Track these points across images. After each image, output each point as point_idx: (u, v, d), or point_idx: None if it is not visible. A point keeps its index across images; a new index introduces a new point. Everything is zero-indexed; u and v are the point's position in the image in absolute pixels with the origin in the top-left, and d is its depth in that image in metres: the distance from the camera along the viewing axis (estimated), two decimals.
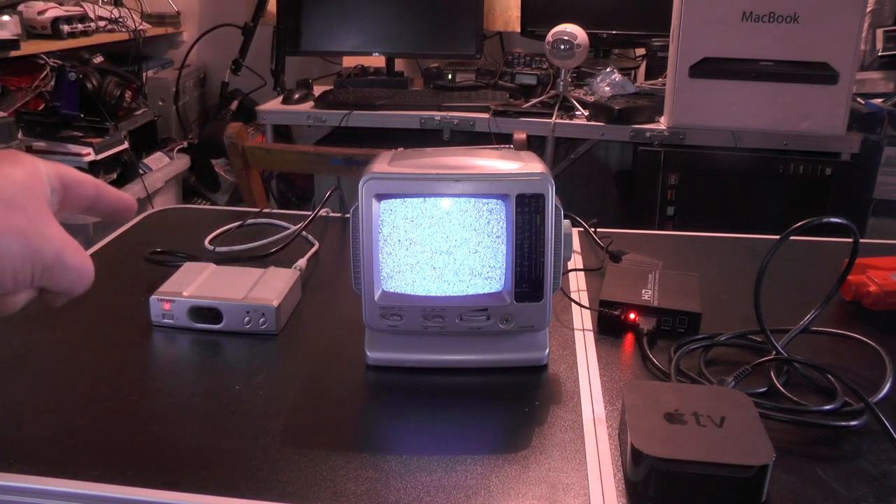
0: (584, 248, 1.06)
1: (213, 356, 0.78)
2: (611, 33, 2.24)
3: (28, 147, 1.94)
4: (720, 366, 0.75)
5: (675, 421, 0.58)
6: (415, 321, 0.71)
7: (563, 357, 0.77)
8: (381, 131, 2.06)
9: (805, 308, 0.78)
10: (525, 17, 2.33)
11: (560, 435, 0.64)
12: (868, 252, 0.86)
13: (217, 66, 2.75)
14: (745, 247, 1.07)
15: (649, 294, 0.83)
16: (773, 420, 0.64)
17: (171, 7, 2.76)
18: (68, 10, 2.18)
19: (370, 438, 0.64)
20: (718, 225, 1.16)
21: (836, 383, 0.68)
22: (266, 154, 1.59)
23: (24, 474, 0.58)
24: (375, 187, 0.67)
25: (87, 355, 0.77)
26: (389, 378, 0.73)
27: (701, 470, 0.54)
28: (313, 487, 0.57)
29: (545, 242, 0.68)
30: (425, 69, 2.40)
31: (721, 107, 1.80)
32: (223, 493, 0.56)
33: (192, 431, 0.64)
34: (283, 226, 1.09)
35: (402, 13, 2.31)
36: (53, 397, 0.69)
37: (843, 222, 0.72)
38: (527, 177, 0.67)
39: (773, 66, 1.74)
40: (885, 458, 0.60)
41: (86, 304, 0.87)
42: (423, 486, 0.57)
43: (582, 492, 0.57)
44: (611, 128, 1.90)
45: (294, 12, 2.30)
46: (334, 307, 0.87)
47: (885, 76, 1.98)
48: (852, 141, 1.81)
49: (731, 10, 1.72)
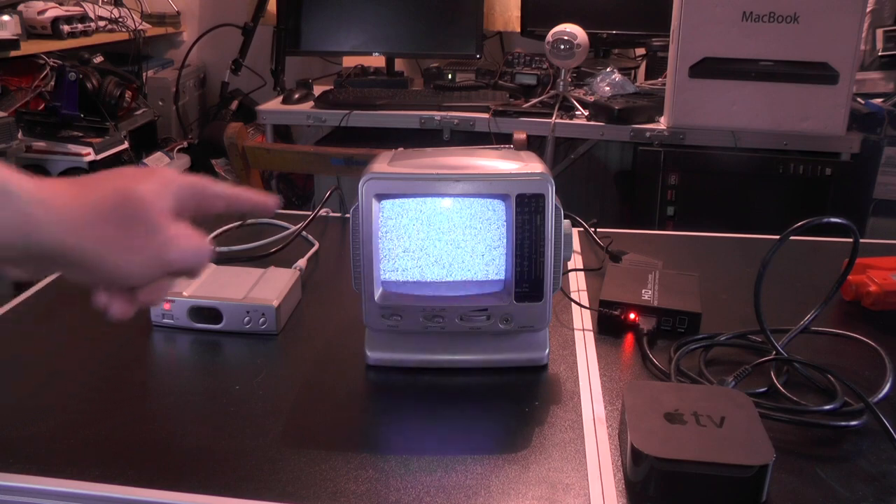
0: (584, 248, 1.06)
1: (213, 356, 0.78)
2: (611, 33, 2.24)
3: (28, 147, 1.93)
4: (720, 366, 0.75)
5: (675, 421, 0.58)
6: (415, 321, 0.71)
7: (563, 357, 0.77)
8: (381, 131, 2.06)
9: (805, 308, 0.78)
10: (525, 17, 2.33)
11: (560, 435, 0.64)
12: (868, 252, 0.86)
13: (217, 66, 2.75)
14: (745, 247, 1.07)
15: (649, 294, 0.83)
16: (773, 420, 0.64)
17: (171, 7, 2.76)
18: (68, 10, 2.18)
19: (370, 438, 0.64)
20: (718, 225, 1.16)
21: (836, 383, 0.68)
22: (266, 154, 1.59)
23: (24, 474, 0.58)
24: (375, 187, 0.67)
25: (87, 355, 0.77)
26: (389, 378, 0.73)
27: (701, 470, 0.54)
28: (313, 487, 0.57)
29: (545, 242, 0.68)
30: (425, 69, 2.40)
31: (721, 107, 1.80)
32: (223, 493, 0.56)
33: (192, 431, 0.64)
34: (283, 226, 1.09)
35: (401, 13, 2.31)
36: (53, 397, 0.69)
37: (843, 222, 0.72)
38: (527, 177, 0.67)
39: (773, 66, 1.74)
40: (885, 458, 0.60)
41: (86, 304, 0.87)
42: (423, 486, 0.57)
43: (582, 492, 0.57)
44: (611, 128, 1.90)
45: (294, 12, 2.30)
46: (334, 307, 0.87)
47: (885, 76, 1.98)
48: (852, 141, 1.81)
49: (731, 10, 1.72)
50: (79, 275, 0.47)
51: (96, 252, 0.45)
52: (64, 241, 0.44)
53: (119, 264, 0.46)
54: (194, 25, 2.81)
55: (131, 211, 0.46)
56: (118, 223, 0.46)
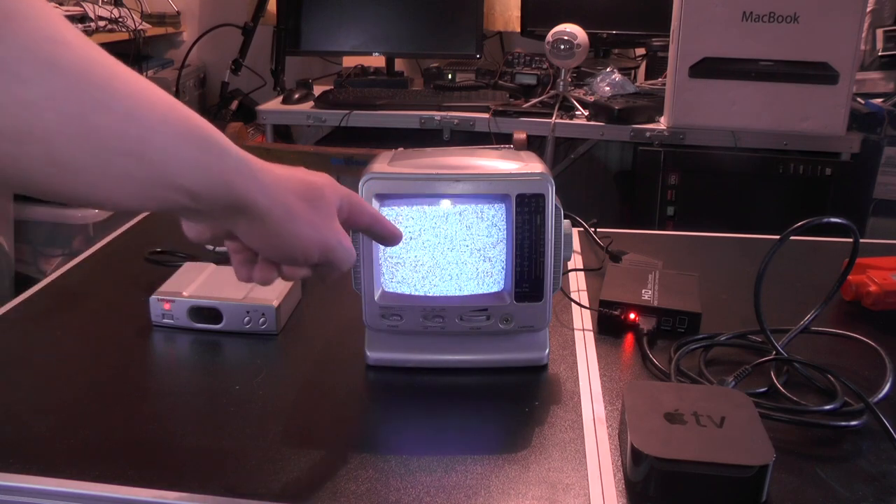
0: (584, 248, 1.06)
1: (213, 356, 0.78)
2: (611, 33, 2.24)
3: None
4: (720, 366, 0.75)
5: (675, 421, 0.58)
6: (415, 321, 0.71)
7: (563, 357, 0.77)
8: (381, 131, 2.06)
9: (805, 308, 0.78)
10: (525, 17, 2.32)
11: (560, 435, 0.64)
12: (868, 252, 0.86)
13: (217, 66, 2.75)
14: (745, 247, 1.07)
15: (649, 294, 0.83)
16: (773, 420, 0.64)
17: (171, 7, 2.76)
18: (68, 10, 2.18)
19: (370, 438, 0.64)
20: (718, 225, 1.16)
21: (836, 383, 0.68)
22: (266, 154, 1.59)
23: (24, 474, 0.58)
24: (375, 187, 0.67)
25: (87, 355, 0.77)
26: (389, 378, 0.73)
27: (701, 470, 0.54)
28: (313, 487, 0.57)
29: (545, 242, 0.68)
30: (425, 69, 2.40)
31: (721, 107, 1.80)
32: (223, 493, 0.56)
33: (192, 431, 0.64)
34: None
35: (402, 13, 2.31)
36: (53, 397, 0.69)
37: (843, 222, 0.72)
38: (527, 177, 0.67)
39: (773, 66, 1.74)
40: (885, 458, 0.60)
41: (86, 304, 0.87)
42: (423, 486, 0.57)
43: (582, 492, 0.57)
44: (611, 128, 1.90)
45: (294, 12, 2.30)
46: (334, 307, 0.87)
47: (885, 76, 1.98)
48: (852, 141, 1.81)
49: (731, 10, 1.72)
50: (254, 235, 0.50)
51: (280, 217, 0.49)
52: (257, 200, 0.47)
53: (294, 233, 0.51)
54: (194, 25, 2.81)
55: (317, 195, 0.52)
56: (305, 200, 0.51)
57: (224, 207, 0.47)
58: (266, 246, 0.51)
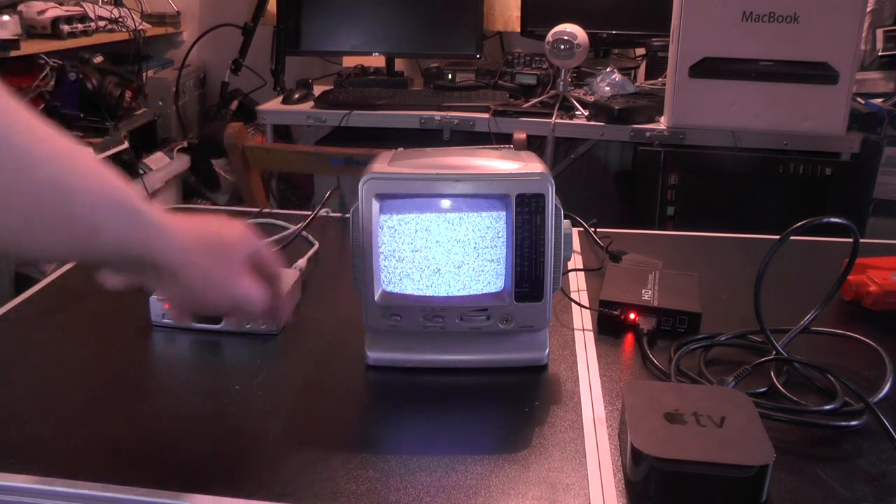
0: (584, 248, 1.06)
1: (213, 356, 0.78)
2: (611, 33, 2.24)
3: None
4: (720, 366, 0.75)
5: (675, 421, 0.58)
6: (415, 321, 0.71)
7: (563, 357, 0.77)
8: (381, 131, 2.06)
9: (805, 308, 0.78)
10: (525, 17, 2.32)
11: (560, 435, 0.64)
12: (868, 252, 0.86)
13: (217, 66, 2.75)
14: (745, 247, 1.08)
15: (649, 294, 0.83)
16: (773, 420, 0.64)
17: (171, 7, 2.76)
18: (68, 10, 2.18)
19: (370, 438, 0.64)
20: (718, 225, 1.16)
21: (836, 383, 0.68)
22: (266, 154, 1.59)
23: (24, 474, 0.58)
24: (375, 187, 0.67)
25: (87, 355, 0.77)
26: (389, 378, 0.73)
27: (701, 470, 0.54)
28: (313, 487, 0.57)
29: (545, 242, 0.68)
30: (425, 69, 2.40)
31: (721, 107, 1.79)
32: (223, 493, 0.56)
33: (192, 431, 0.64)
34: (284, 226, 1.09)
35: (402, 13, 2.30)
36: (53, 397, 0.69)
37: (843, 222, 0.72)
38: (527, 177, 0.67)
39: (773, 66, 1.74)
40: (885, 458, 0.60)
41: (86, 304, 0.87)
42: (423, 486, 0.57)
43: (582, 492, 0.57)
44: (611, 128, 1.90)
45: (294, 12, 2.30)
46: (334, 307, 0.87)
47: (885, 76, 1.98)
48: (852, 141, 1.81)
49: (731, 10, 1.72)
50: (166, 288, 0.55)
51: (190, 275, 0.54)
52: (173, 260, 0.52)
53: (203, 287, 0.55)
54: (194, 25, 2.81)
55: (227, 251, 0.57)
56: (214, 256, 0.55)
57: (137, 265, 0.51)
58: (177, 298, 0.57)
